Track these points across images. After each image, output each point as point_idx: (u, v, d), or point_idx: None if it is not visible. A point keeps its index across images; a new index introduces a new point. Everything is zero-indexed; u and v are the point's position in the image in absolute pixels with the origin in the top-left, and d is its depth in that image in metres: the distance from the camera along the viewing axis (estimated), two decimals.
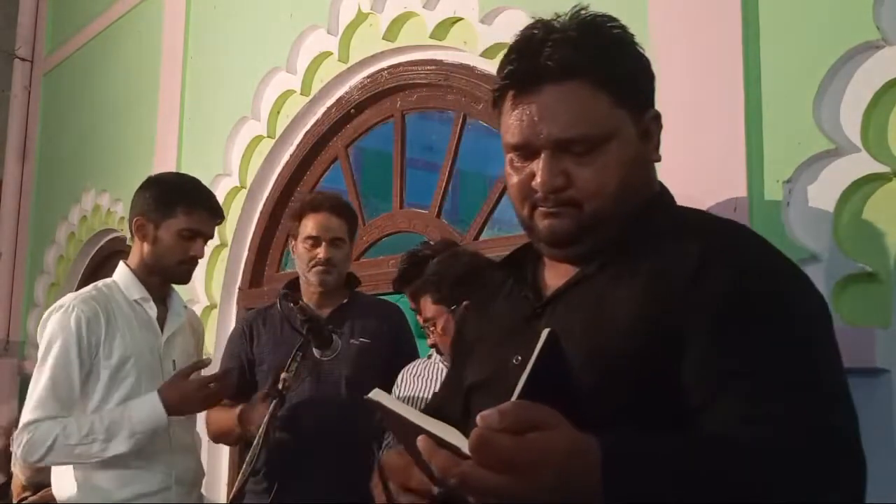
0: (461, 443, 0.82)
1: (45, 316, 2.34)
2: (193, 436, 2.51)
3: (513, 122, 1.15)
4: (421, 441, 0.85)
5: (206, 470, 2.60)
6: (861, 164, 1.74)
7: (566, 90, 1.12)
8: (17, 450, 2.20)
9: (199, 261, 2.45)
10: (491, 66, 2.70)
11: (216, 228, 2.51)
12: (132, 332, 2.33)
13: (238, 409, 2.34)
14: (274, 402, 2.06)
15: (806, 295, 1.08)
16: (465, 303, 2.03)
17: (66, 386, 2.23)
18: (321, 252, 2.48)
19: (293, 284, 2.60)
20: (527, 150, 1.15)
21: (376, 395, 0.96)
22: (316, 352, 2.20)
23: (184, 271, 2.42)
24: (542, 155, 1.13)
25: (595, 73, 1.12)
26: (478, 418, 0.81)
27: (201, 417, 2.54)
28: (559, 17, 1.17)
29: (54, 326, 2.27)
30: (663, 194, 1.23)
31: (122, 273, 2.41)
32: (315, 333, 2.15)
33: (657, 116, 1.20)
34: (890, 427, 1.60)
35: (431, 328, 2.12)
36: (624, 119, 1.14)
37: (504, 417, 0.81)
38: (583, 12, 1.17)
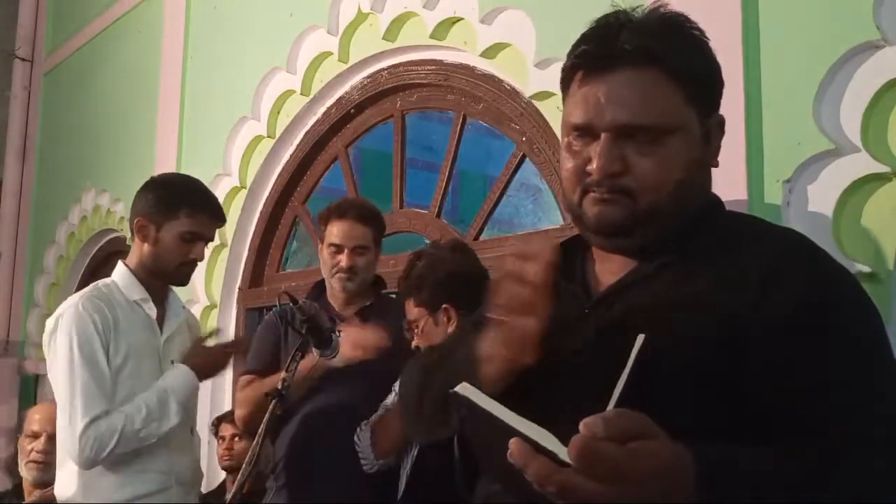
0: (558, 449, 0.80)
1: (51, 322, 2.31)
2: (192, 436, 2.51)
3: (577, 101, 1.11)
4: (516, 444, 0.81)
5: (206, 470, 2.60)
6: (861, 164, 1.74)
7: (641, 75, 1.08)
8: (80, 453, 2.18)
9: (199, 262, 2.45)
10: (491, 66, 2.71)
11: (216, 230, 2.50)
12: (133, 333, 2.33)
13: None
14: (274, 401, 2.06)
15: (869, 306, 1.07)
16: (444, 306, 2.07)
17: (104, 380, 2.24)
18: (343, 260, 2.50)
19: (321, 285, 2.63)
20: (588, 132, 1.10)
21: (464, 389, 0.89)
22: (315, 351, 2.20)
23: (183, 273, 2.42)
24: (602, 137, 1.08)
25: (673, 64, 1.09)
26: (581, 426, 0.79)
27: (201, 419, 2.54)
28: (636, 10, 1.13)
29: (71, 327, 2.25)
30: (717, 200, 1.20)
31: (121, 273, 2.40)
32: (314, 333, 2.15)
33: (721, 122, 1.16)
34: None
35: (415, 329, 2.15)
36: (692, 118, 1.11)
37: (609, 426, 0.79)
38: (661, 9, 1.14)
